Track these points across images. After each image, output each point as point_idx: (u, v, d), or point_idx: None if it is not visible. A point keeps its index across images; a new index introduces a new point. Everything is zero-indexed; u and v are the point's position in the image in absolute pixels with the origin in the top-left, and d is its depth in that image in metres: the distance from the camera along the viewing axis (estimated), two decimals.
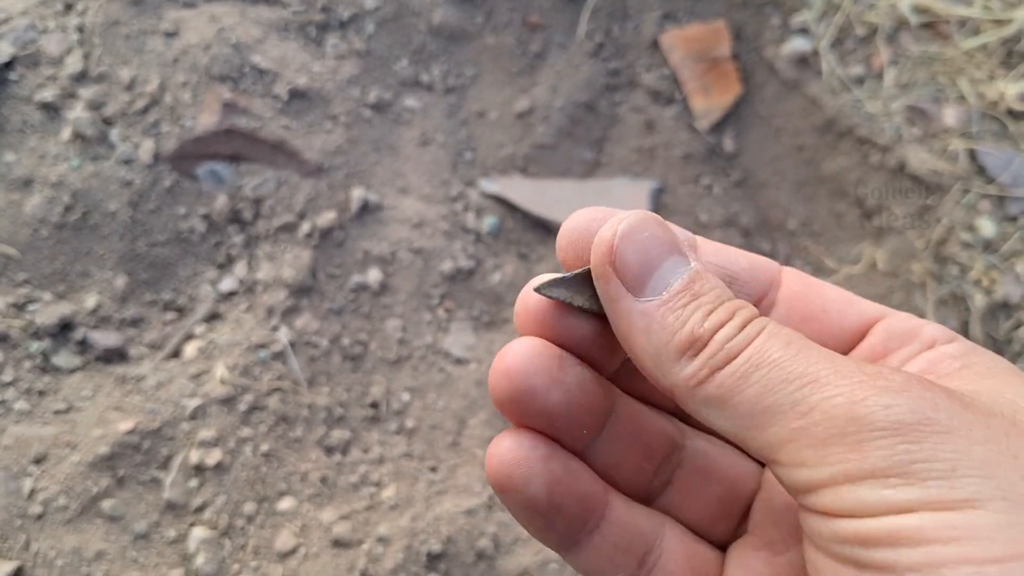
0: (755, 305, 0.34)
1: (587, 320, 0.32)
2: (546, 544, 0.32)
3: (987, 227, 1.22)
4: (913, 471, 0.24)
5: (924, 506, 0.23)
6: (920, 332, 0.32)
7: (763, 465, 0.36)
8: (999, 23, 1.31)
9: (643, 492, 0.34)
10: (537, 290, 0.31)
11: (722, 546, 0.35)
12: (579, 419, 0.31)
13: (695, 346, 0.28)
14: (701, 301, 0.29)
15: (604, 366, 0.33)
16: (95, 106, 1.12)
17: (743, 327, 0.28)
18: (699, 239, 0.33)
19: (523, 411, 0.30)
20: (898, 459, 0.24)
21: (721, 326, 0.28)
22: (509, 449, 0.31)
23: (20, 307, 1.05)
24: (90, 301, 1.07)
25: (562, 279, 0.31)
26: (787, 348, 0.27)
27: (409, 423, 1.09)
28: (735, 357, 0.27)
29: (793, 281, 0.34)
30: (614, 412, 0.33)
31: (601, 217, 0.31)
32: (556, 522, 0.31)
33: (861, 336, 0.34)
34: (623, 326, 0.29)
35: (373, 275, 1.15)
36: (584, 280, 0.31)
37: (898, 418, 0.24)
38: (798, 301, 0.34)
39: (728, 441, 0.36)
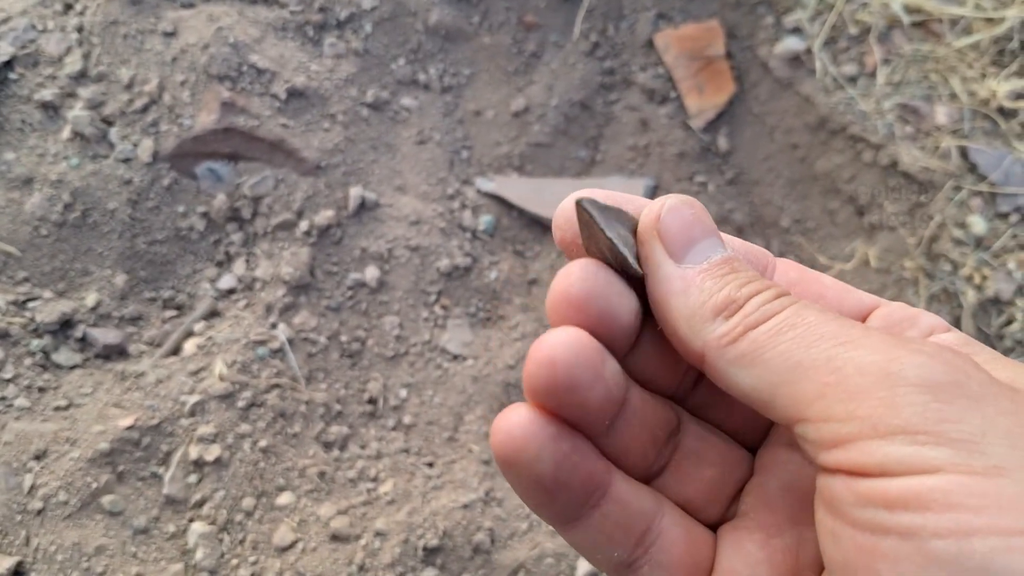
0: None
1: (614, 281, 0.31)
2: (544, 518, 0.32)
3: (978, 224, 1.23)
4: (942, 431, 0.23)
5: (951, 468, 0.23)
6: (918, 320, 0.33)
7: (754, 452, 0.36)
8: (991, 22, 1.32)
9: (643, 474, 0.35)
10: (578, 201, 0.31)
11: (711, 527, 0.35)
12: (608, 411, 0.31)
13: (731, 308, 0.29)
14: (739, 274, 0.30)
15: (620, 352, 0.33)
16: (94, 105, 1.13)
17: (778, 297, 0.29)
18: None
19: (561, 403, 0.29)
20: (929, 416, 0.24)
21: (758, 293, 0.29)
22: (519, 424, 0.30)
23: (20, 305, 1.05)
24: (90, 299, 1.08)
25: (603, 204, 0.32)
26: (821, 314, 0.28)
27: (406, 419, 1.10)
28: (771, 317, 0.28)
29: (790, 269, 0.35)
30: (627, 403, 0.33)
31: (598, 196, 0.32)
32: (559, 498, 0.31)
33: (860, 321, 0.34)
34: (661, 289, 0.30)
35: (371, 272, 1.16)
36: (616, 218, 0.32)
37: (931, 377, 0.24)
38: (796, 287, 0.34)
39: (731, 428, 0.36)
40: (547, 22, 1.36)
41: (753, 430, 0.36)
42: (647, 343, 0.33)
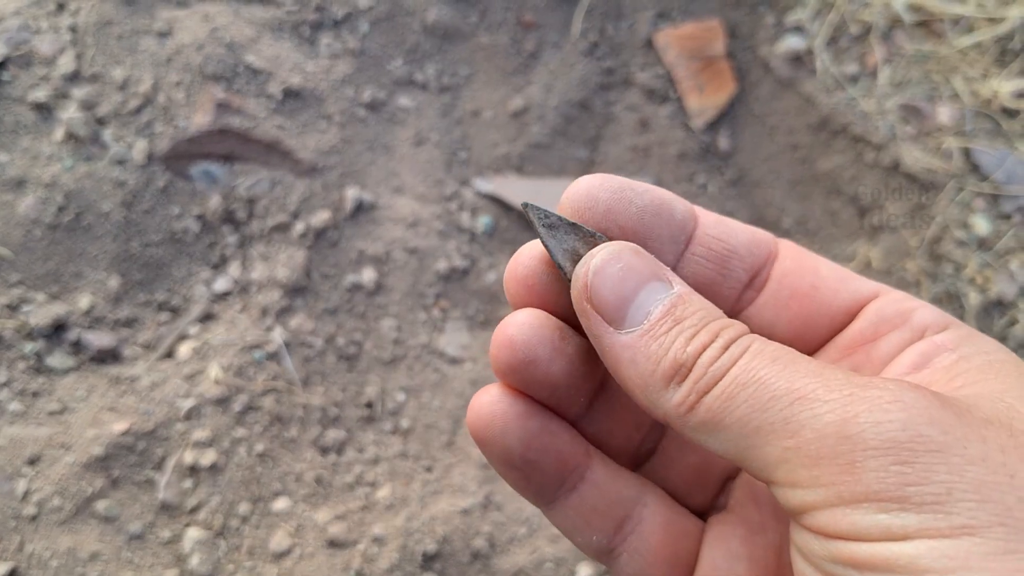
0: (751, 280, 0.34)
1: (559, 280, 0.32)
2: (525, 497, 0.33)
3: (981, 225, 1.22)
4: (908, 495, 0.23)
5: (919, 533, 0.23)
6: (911, 317, 0.32)
7: None
8: (993, 21, 1.31)
9: (631, 459, 0.35)
10: (524, 205, 0.32)
11: (702, 514, 0.36)
12: (578, 387, 0.32)
13: (680, 372, 0.28)
14: (683, 326, 0.28)
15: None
16: (88, 106, 1.12)
17: (726, 348, 0.27)
18: (699, 210, 0.33)
19: (525, 380, 0.31)
20: (892, 481, 0.23)
21: (704, 348, 0.28)
22: (488, 403, 0.31)
23: (14, 308, 1.04)
24: (84, 302, 1.07)
25: (552, 218, 0.32)
26: (772, 365, 0.26)
27: (404, 423, 1.09)
28: (720, 379, 0.27)
29: (787, 256, 0.34)
30: (606, 386, 0.34)
31: (603, 184, 0.32)
32: (532, 477, 0.32)
33: (851, 316, 0.34)
34: (610, 360, 0.29)
35: (368, 275, 1.15)
36: (569, 230, 0.32)
37: (890, 435, 0.24)
38: (788, 278, 0.34)
39: None
40: (546, 22, 1.35)
41: None
42: None
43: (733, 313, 0.34)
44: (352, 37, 1.26)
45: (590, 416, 0.34)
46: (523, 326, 0.31)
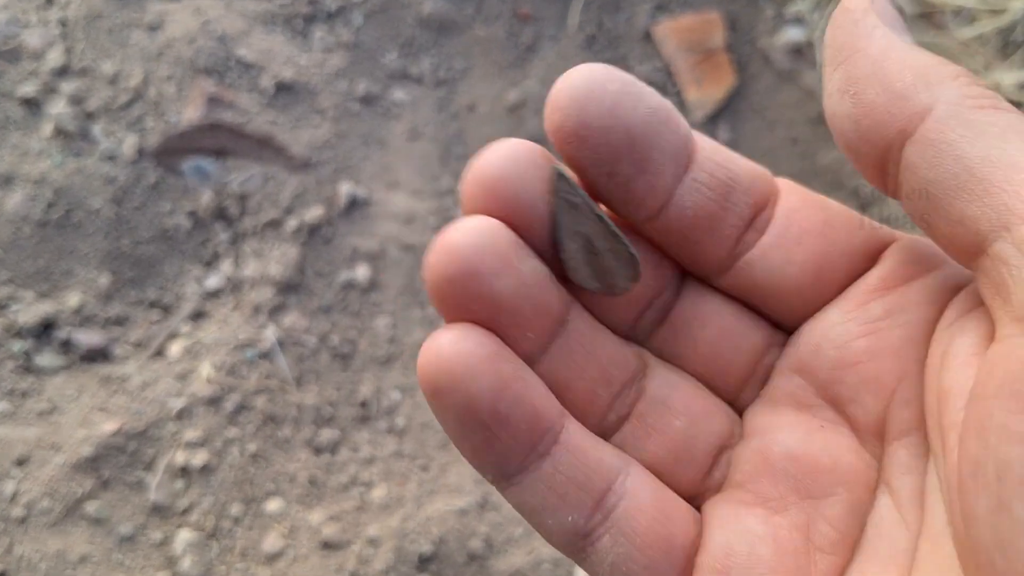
0: (754, 217, 0.30)
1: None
2: (484, 470, 0.27)
3: None
4: None
5: None
6: (947, 259, 0.28)
7: (740, 415, 0.31)
8: (995, 13, 1.30)
9: (598, 425, 0.29)
10: (556, 170, 0.26)
11: (688, 497, 0.30)
12: (526, 318, 0.26)
13: (968, 76, 0.24)
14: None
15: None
16: (77, 101, 1.11)
17: None
18: (695, 133, 0.29)
19: (462, 297, 0.25)
20: None
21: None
22: (451, 342, 0.25)
23: (2, 306, 1.03)
24: (73, 300, 1.06)
25: (576, 194, 0.27)
26: None
27: (399, 422, 1.08)
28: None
29: (791, 193, 0.30)
30: (567, 325, 0.28)
31: (609, 74, 0.26)
32: (499, 437, 0.26)
33: (871, 259, 0.29)
34: (876, 49, 0.25)
35: (362, 272, 1.14)
36: (591, 219, 0.27)
37: None
38: (796, 214, 0.30)
39: (703, 376, 0.31)
40: (542, 14, 1.34)
41: (729, 377, 0.31)
42: None
43: (733, 258, 0.29)
44: (346, 30, 1.25)
45: (545, 362, 0.28)
46: (470, 232, 0.25)
